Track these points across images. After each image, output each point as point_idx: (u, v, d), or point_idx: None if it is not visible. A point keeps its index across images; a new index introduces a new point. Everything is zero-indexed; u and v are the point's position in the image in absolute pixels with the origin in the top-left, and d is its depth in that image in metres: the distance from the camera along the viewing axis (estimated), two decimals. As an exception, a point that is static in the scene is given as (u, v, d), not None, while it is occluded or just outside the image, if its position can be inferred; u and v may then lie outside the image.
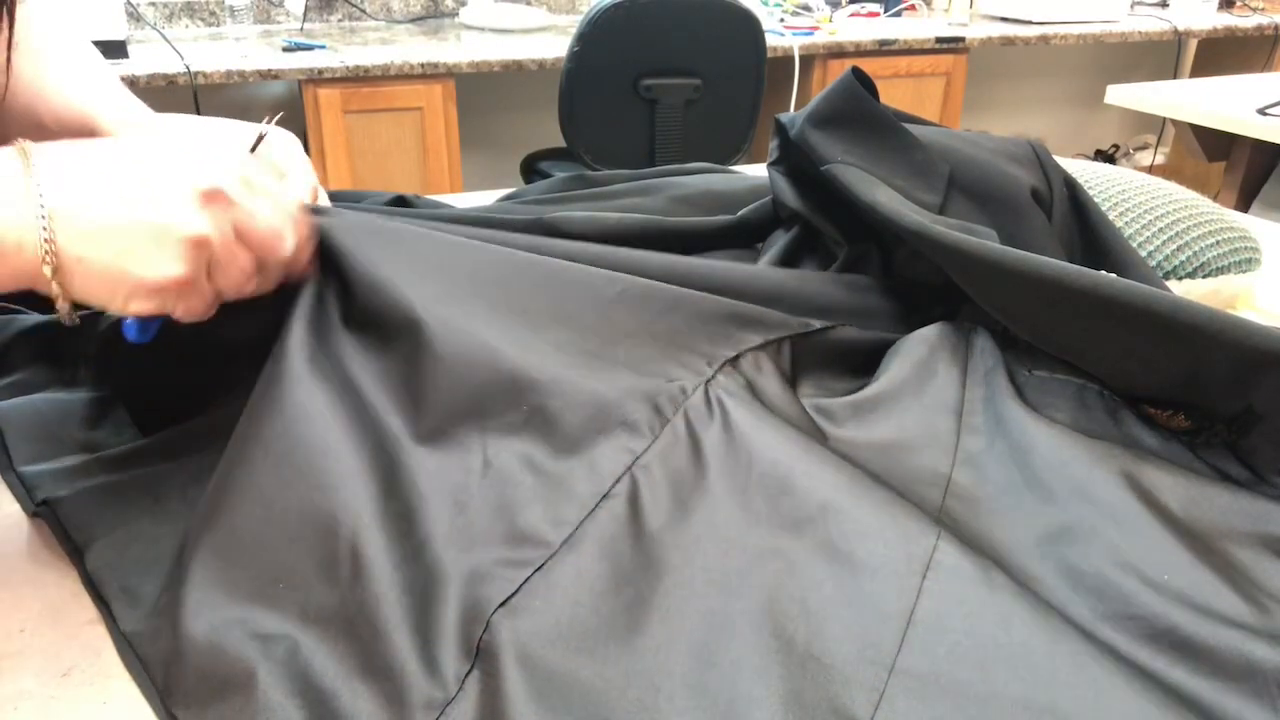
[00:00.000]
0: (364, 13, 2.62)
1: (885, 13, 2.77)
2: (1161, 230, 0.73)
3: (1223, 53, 3.14)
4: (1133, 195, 0.76)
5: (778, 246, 0.66)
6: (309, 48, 2.17)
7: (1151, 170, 3.14)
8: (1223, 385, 0.47)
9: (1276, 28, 2.91)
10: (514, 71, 2.26)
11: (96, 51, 0.68)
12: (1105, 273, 0.48)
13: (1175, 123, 2.01)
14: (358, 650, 0.39)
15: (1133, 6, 2.97)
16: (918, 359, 0.53)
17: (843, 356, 0.56)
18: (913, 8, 2.80)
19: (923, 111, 2.31)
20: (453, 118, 2.16)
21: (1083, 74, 3.43)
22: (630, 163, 2.05)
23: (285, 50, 2.15)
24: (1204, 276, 0.72)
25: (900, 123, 0.64)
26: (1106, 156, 3.46)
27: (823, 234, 0.65)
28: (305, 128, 2.08)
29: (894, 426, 0.50)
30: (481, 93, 2.68)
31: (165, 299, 0.43)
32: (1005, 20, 2.77)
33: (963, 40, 2.54)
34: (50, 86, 0.63)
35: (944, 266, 0.54)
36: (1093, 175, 0.79)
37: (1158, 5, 2.98)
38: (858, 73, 0.64)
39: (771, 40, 2.23)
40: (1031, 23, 2.69)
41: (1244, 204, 2.00)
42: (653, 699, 0.37)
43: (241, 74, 2.00)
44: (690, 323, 0.51)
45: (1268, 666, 0.36)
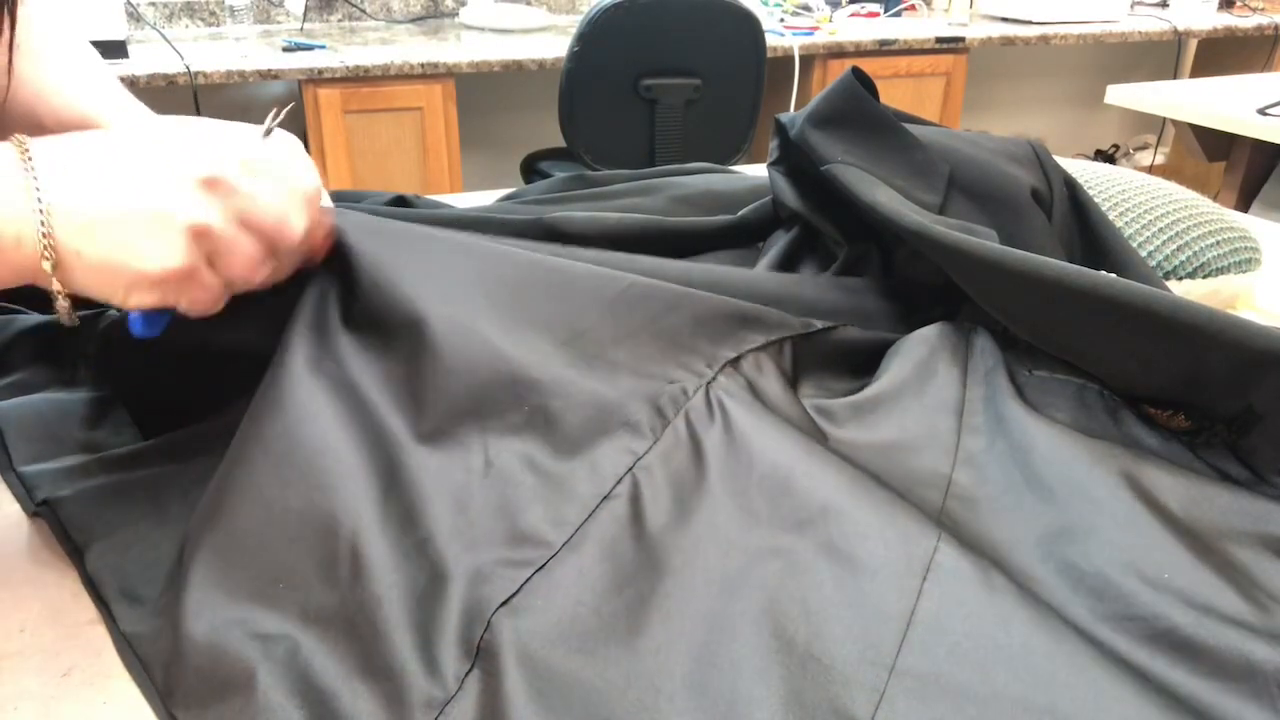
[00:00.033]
0: (364, 13, 2.62)
1: (885, 13, 2.77)
2: (1161, 230, 0.73)
3: (1223, 53, 3.14)
4: (1133, 195, 0.76)
5: (778, 247, 0.66)
6: (309, 48, 2.17)
7: (1151, 170, 3.14)
8: (1223, 385, 0.47)
9: (1276, 28, 2.91)
10: (514, 71, 2.26)
11: (95, 52, 0.68)
12: (1105, 273, 0.48)
13: (1175, 123, 2.01)
14: (358, 650, 0.39)
15: (1133, 6, 2.97)
16: (918, 359, 0.53)
17: (843, 357, 0.56)
18: (913, 8, 2.80)
19: (923, 111, 2.31)
20: (453, 118, 2.16)
21: (1083, 74, 3.43)
22: (630, 163, 2.05)
23: (285, 50, 2.15)
24: (1204, 276, 0.72)
25: (900, 123, 0.64)
26: (1106, 156, 3.46)
27: (823, 234, 0.65)
28: (305, 128, 2.08)
29: (894, 427, 0.50)
30: (481, 93, 2.68)
31: (167, 291, 0.42)
32: (1005, 20, 2.77)
33: (963, 40, 2.54)
34: (50, 88, 0.63)
35: (944, 266, 0.54)
36: (1093, 175, 0.79)
37: (1158, 5, 2.98)
38: (858, 73, 0.64)
39: (771, 40, 2.23)
40: (1031, 23, 2.69)
41: (1244, 204, 2.00)
42: (653, 699, 0.37)
43: (241, 74, 2.00)
44: (692, 322, 0.51)
45: (1268, 667, 0.36)
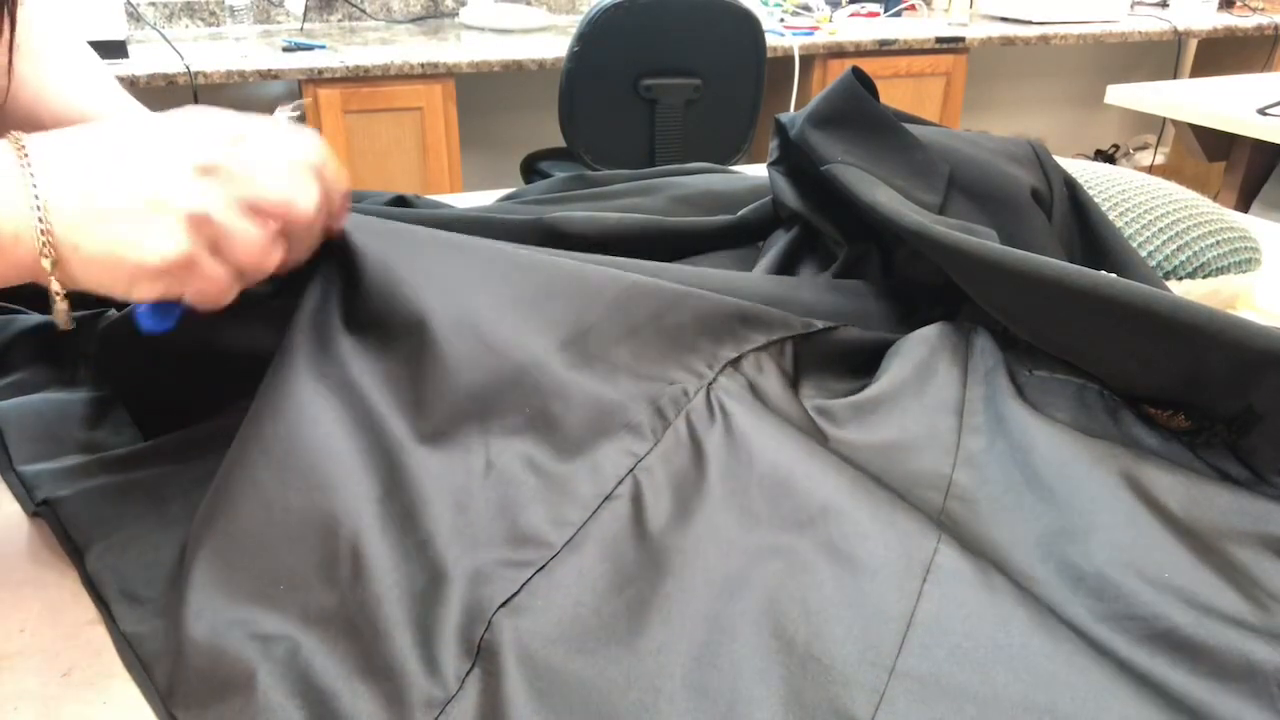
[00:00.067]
0: (364, 13, 2.62)
1: (885, 13, 2.77)
2: (1161, 230, 0.73)
3: (1223, 53, 3.14)
4: (1133, 195, 0.76)
5: (778, 247, 0.66)
6: (309, 48, 2.17)
7: (1151, 170, 3.14)
8: (1223, 385, 0.47)
9: (1276, 28, 2.91)
10: (514, 71, 2.26)
11: (94, 53, 0.68)
12: (1105, 273, 0.48)
13: (1175, 123, 2.01)
14: (358, 650, 0.39)
15: (1133, 6, 2.97)
16: (918, 359, 0.53)
17: (844, 357, 0.56)
18: (913, 8, 2.80)
19: (923, 111, 2.31)
20: (453, 118, 2.16)
21: (1083, 74, 3.43)
22: (630, 163, 2.05)
23: (285, 50, 2.15)
24: (1204, 276, 0.72)
25: (900, 123, 0.64)
26: (1106, 156, 3.46)
27: (823, 234, 0.64)
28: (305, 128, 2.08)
29: (895, 427, 0.50)
30: (481, 93, 2.68)
31: (171, 282, 0.41)
32: (1005, 20, 2.77)
33: (963, 40, 2.54)
34: (51, 89, 0.63)
35: (944, 266, 0.54)
36: (1093, 175, 0.79)
37: (1158, 5, 2.98)
38: (858, 73, 0.64)
39: (771, 40, 2.23)
40: (1031, 23, 2.69)
41: (1244, 204, 2.00)
42: (653, 700, 0.37)
43: (241, 74, 2.00)
44: (693, 321, 0.51)
45: (1268, 667, 0.36)
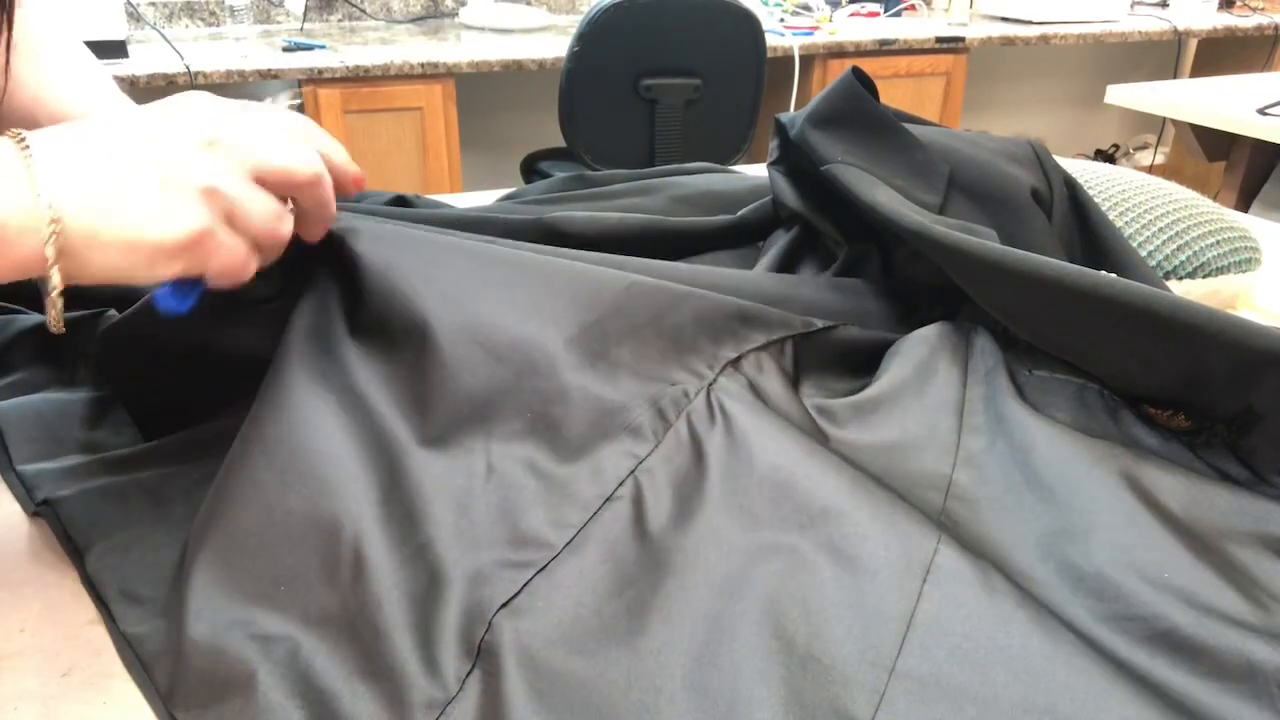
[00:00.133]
0: (364, 13, 2.62)
1: (885, 13, 2.77)
2: (1161, 230, 0.73)
3: (1223, 53, 3.14)
4: (1133, 195, 0.76)
5: (778, 247, 0.66)
6: (309, 48, 2.17)
7: (1151, 170, 3.14)
8: (1223, 385, 0.47)
9: (1276, 28, 2.91)
10: (514, 71, 2.26)
11: (91, 54, 0.68)
12: (1105, 273, 0.48)
13: (1175, 123, 2.01)
14: (359, 651, 0.39)
15: (1133, 6, 2.97)
16: (918, 359, 0.53)
17: (844, 356, 0.56)
18: (913, 8, 2.80)
19: (923, 111, 2.31)
20: (453, 118, 2.16)
21: (1083, 74, 3.43)
22: (630, 163, 2.05)
23: (285, 50, 2.15)
24: (1204, 276, 0.72)
25: (900, 123, 0.64)
26: (1106, 156, 3.46)
27: (823, 234, 0.64)
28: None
29: (895, 427, 0.50)
30: (481, 93, 2.68)
31: (191, 258, 0.41)
32: (1005, 20, 2.77)
33: (963, 40, 2.54)
34: (49, 91, 0.63)
35: (944, 266, 0.54)
36: (1093, 175, 0.79)
37: (1158, 5, 2.98)
38: (858, 73, 0.64)
39: (771, 40, 2.23)
40: (1031, 23, 2.69)
41: (1244, 204, 2.00)
42: (654, 700, 0.37)
43: (241, 74, 2.00)
44: (694, 321, 0.51)
45: (1268, 667, 0.36)
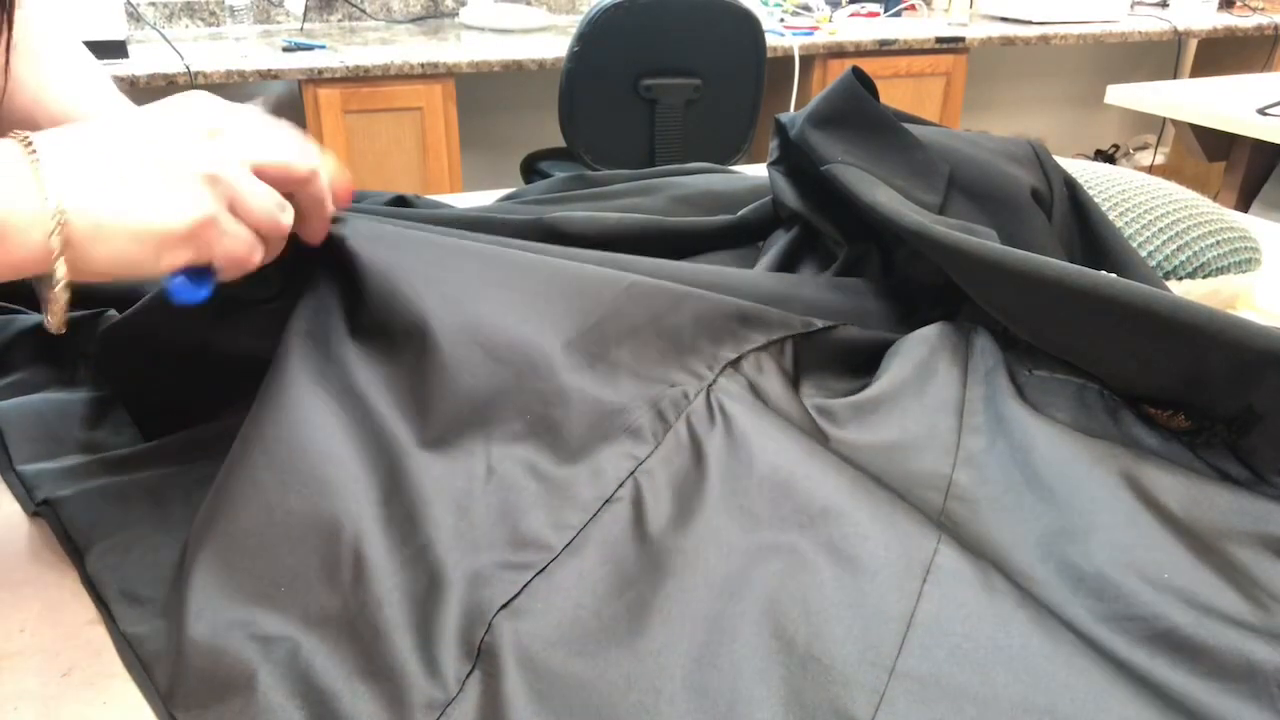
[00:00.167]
0: (364, 13, 2.62)
1: (885, 13, 2.77)
2: (1161, 230, 0.73)
3: (1223, 53, 3.14)
4: (1133, 195, 0.76)
5: (778, 247, 0.66)
6: (309, 48, 2.17)
7: (1151, 170, 3.14)
8: (1223, 385, 0.47)
9: (1276, 28, 2.91)
10: (514, 71, 2.26)
11: (91, 55, 0.68)
12: (1105, 273, 0.48)
13: (1175, 123, 2.01)
14: (359, 651, 0.39)
15: (1133, 6, 2.97)
16: (918, 359, 0.53)
17: (844, 356, 0.56)
18: (913, 8, 2.80)
19: (923, 111, 2.31)
20: (453, 118, 2.16)
21: (1083, 74, 3.43)
22: (630, 163, 2.05)
23: (285, 50, 2.15)
24: (1204, 276, 0.72)
25: (900, 123, 0.64)
26: (1106, 156, 3.46)
27: (823, 234, 0.64)
28: (305, 128, 2.09)
29: (895, 427, 0.50)
30: (481, 93, 2.68)
31: (199, 244, 0.42)
32: (1005, 20, 2.77)
33: (963, 40, 2.54)
34: (49, 92, 0.63)
35: (944, 266, 0.54)
36: (1093, 175, 0.79)
37: (1158, 5, 2.98)
38: (858, 73, 0.64)
39: (771, 40, 2.23)
40: (1031, 23, 2.69)
41: (1244, 204, 2.00)
42: (654, 701, 0.37)
43: (241, 74, 2.00)
44: (693, 321, 0.51)
45: (1268, 667, 0.36)
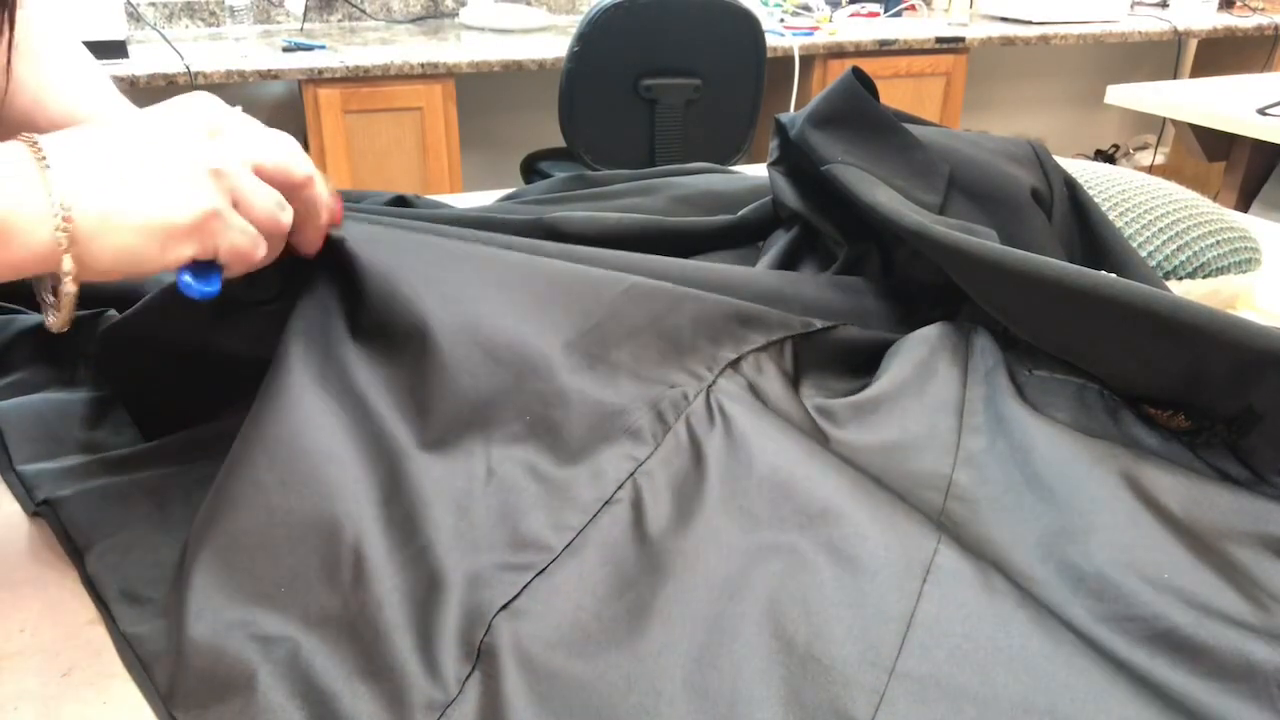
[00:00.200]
0: (364, 13, 2.62)
1: (885, 13, 2.77)
2: (1161, 230, 0.73)
3: (1223, 53, 3.14)
4: (1133, 195, 0.76)
5: (778, 247, 0.66)
6: (309, 48, 2.17)
7: (1151, 170, 3.14)
8: (1223, 385, 0.47)
9: (1276, 28, 2.91)
10: (514, 71, 2.26)
11: (90, 55, 0.68)
12: (1105, 273, 0.48)
13: (1175, 123, 2.01)
14: (359, 652, 0.39)
15: (1133, 6, 2.97)
16: (918, 359, 0.53)
17: (844, 356, 0.56)
18: (913, 8, 2.80)
19: (923, 111, 2.31)
20: (453, 118, 2.16)
21: (1083, 74, 3.43)
22: (630, 163, 2.05)
23: (285, 50, 2.15)
24: (1204, 276, 0.72)
25: (900, 123, 0.64)
26: (1106, 156, 3.46)
27: (823, 234, 0.65)
28: (305, 128, 2.08)
29: (895, 427, 0.50)
30: (481, 93, 2.68)
31: (204, 237, 0.42)
32: (1005, 20, 2.77)
33: (963, 40, 2.54)
34: (49, 93, 0.63)
35: (944, 266, 0.54)
36: (1093, 175, 0.79)
37: (1158, 5, 2.98)
38: (858, 73, 0.64)
39: (771, 40, 2.23)
40: (1031, 23, 2.69)
41: (1244, 204, 2.00)
42: (654, 703, 0.37)
43: (241, 74, 2.00)
44: (692, 323, 0.51)
45: (1268, 667, 0.36)
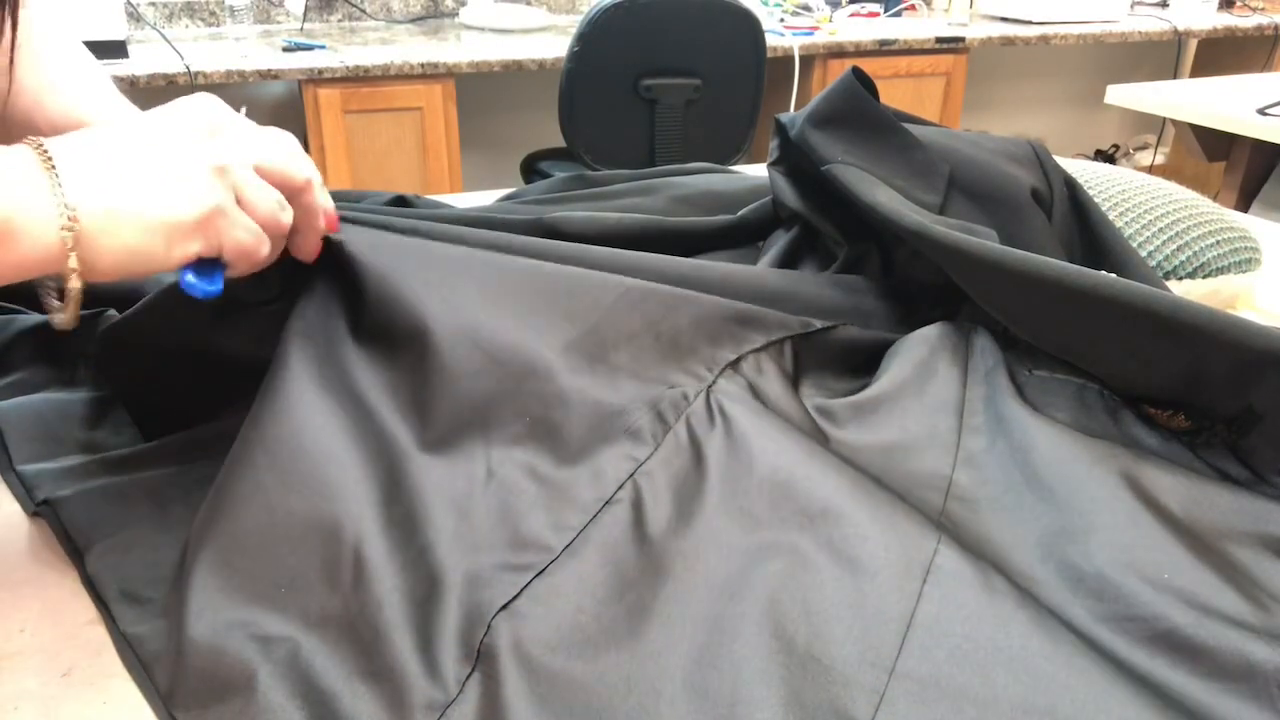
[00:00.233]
0: (364, 13, 2.61)
1: (885, 13, 2.77)
2: (1161, 230, 0.73)
3: (1223, 53, 3.14)
4: (1133, 195, 0.76)
5: (778, 246, 0.66)
6: (309, 48, 2.17)
7: (1151, 170, 3.14)
8: (1223, 385, 0.47)
9: (1276, 28, 2.91)
10: (514, 71, 2.26)
11: (91, 56, 0.68)
12: (1105, 273, 0.48)
13: (1175, 123, 2.01)
14: (359, 652, 0.39)
15: (1133, 6, 2.97)
16: (918, 359, 0.53)
17: (844, 356, 0.56)
18: (913, 8, 2.80)
19: (923, 111, 2.31)
20: (453, 118, 2.16)
21: (1083, 74, 3.43)
22: (630, 163, 2.05)
23: (285, 50, 2.15)
24: (1204, 276, 0.72)
25: (900, 123, 0.64)
26: (1106, 156, 3.46)
27: (823, 234, 0.65)
28: (305, 128, 2.08)
29: (895, 427, 0.50)
30: (481, 93, 2.68)
31: (208, 234, 0.43)
32: (1005, 20, 2.77)
33: (963, 40, 2.54)
34: (50, 94, 0.63)
35: (944, 266, 0.54)
36: (1093, 175, 0.79)
37: (1158, 5, 2.98)
38: (858, 73, 0.64)
39: (771, 40, 2.23)
40: (1031, 23, 2.69)
41: (1244, 204, 2.00)
42: (654, 703, 0.36)
43: (241, 74, 2.00)
44: (692, 324, 0.51)
45: (1268, 667, 0.36)
